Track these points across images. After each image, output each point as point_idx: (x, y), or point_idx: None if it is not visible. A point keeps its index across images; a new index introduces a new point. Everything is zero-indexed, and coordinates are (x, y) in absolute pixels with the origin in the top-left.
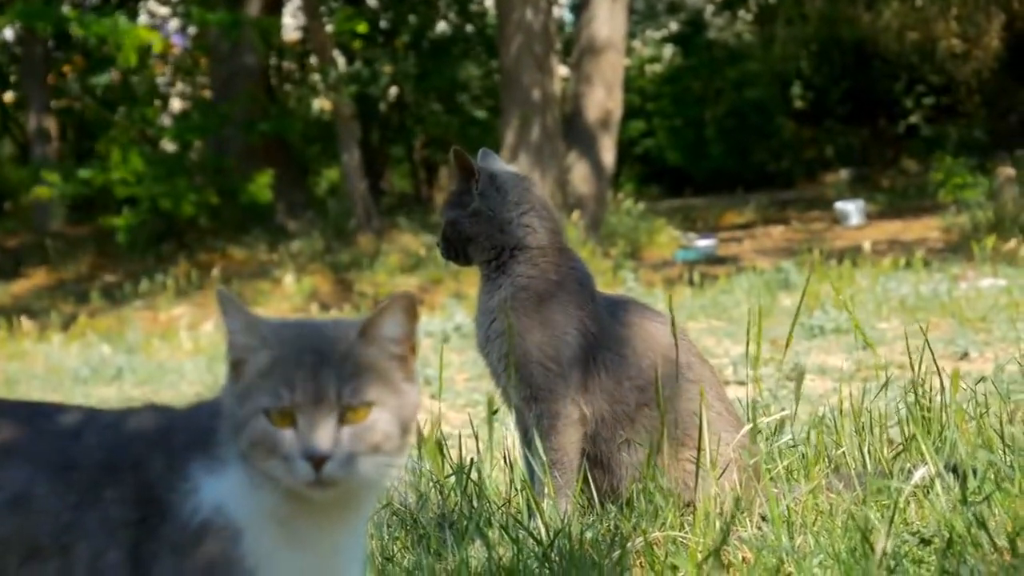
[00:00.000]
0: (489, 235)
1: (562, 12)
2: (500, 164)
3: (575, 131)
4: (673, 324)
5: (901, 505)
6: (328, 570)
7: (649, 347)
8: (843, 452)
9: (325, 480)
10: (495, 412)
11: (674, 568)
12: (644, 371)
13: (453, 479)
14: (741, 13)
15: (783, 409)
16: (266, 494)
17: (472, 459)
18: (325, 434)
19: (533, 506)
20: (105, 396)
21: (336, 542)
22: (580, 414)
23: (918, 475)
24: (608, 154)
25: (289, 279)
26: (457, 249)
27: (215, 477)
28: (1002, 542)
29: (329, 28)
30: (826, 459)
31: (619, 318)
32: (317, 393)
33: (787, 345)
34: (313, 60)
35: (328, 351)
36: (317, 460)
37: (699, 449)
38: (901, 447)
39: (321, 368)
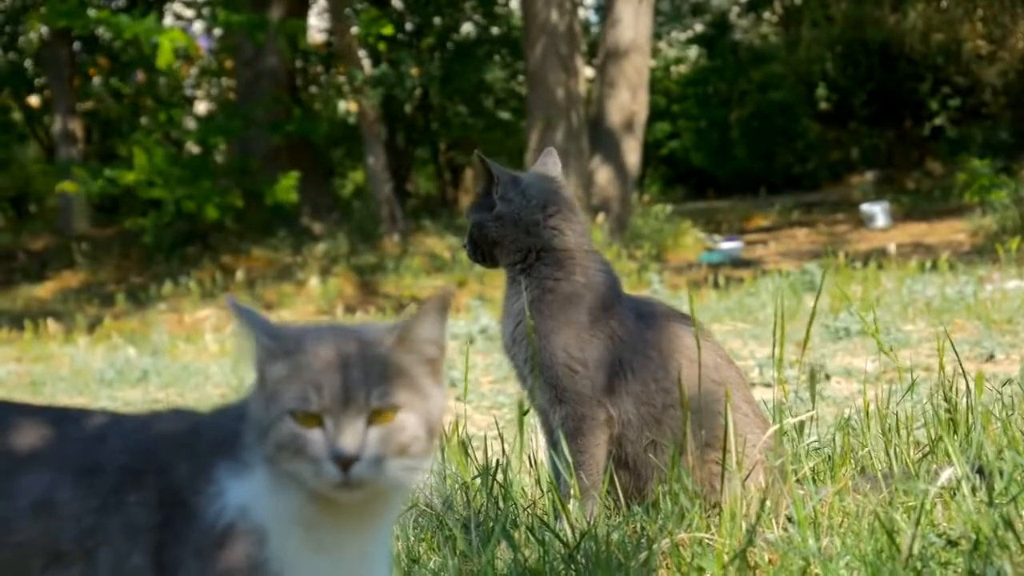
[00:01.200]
0: (515, 238)
1: (587, 14)
2: (548, 165)
3: (600, 133)
4: (696, 325)
5: (927, 507)
6: (353, 574)
7: (675, 349)
8: (869, 453)
9: (353, 482)
10: (525, 413)
11: (700, 570)
12: (670, 373)
13: (479, 481)
14: (766, 15)
15: (808, 411)
16: (292, 497)
17: (498, 461)
18: (353, 436)
19: (559, 508)
20: (130, 398)
21: (362, 546)
22: (607, 416)
23: (944, 476)
24: (633, 156)
25: (314, 281)
26: (483, 251)
27: (241, 480)
28: None
29: (354, 30)
30: (852, 461)
31: (645, 320)
32: (345, 395)
33: (804, 345)
34: (339, 62)
35: (357, 354)
36: (345, 462)
37: (724, 450)
38: (927, 449)
39: (349, 370)
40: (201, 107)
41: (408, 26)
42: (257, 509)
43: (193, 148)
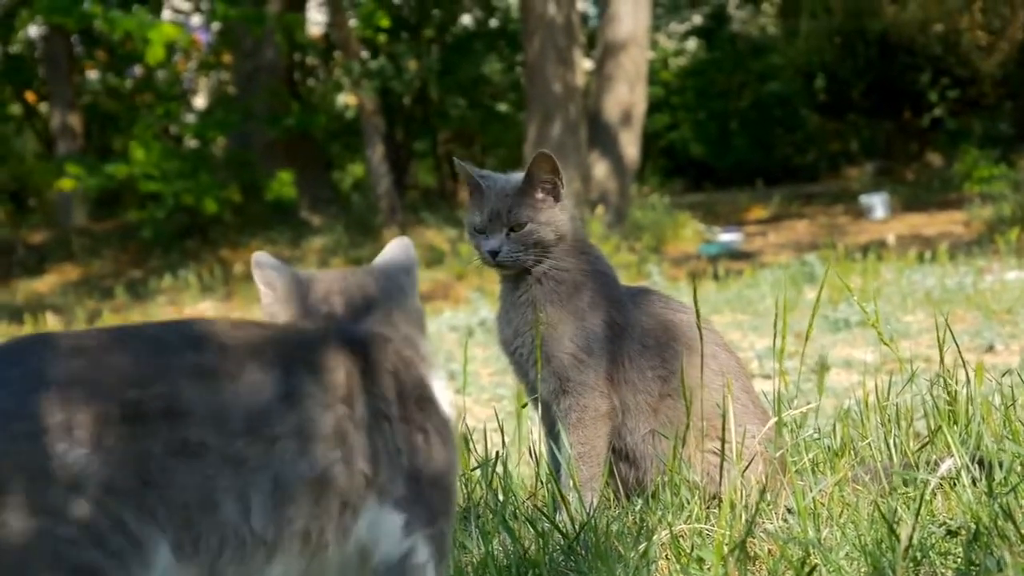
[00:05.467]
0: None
1: (586, 6)
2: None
3: (598, 126)
4: (697, 314)
5: (927, 497)
6: None
7: (672, 337)
8: (869, 444)
9: None
10: (524, 406)
11: (700, 560)
12: (667, 361)
13: (478, 472)
14: (764, 6)
15: (808, 402)
16: None
17: (497, 452)
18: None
19: (559, 499)
20: None
21: None
22: (609, 407)
23: (944, 467)
24: (631, 148)
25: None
26: (530, 253)
27: None
28: None
29: (353, 23)
30: (852, 451)
31: (642, 308)
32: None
33: (807, 337)
34: (337, 55)
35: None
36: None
37: (722, 440)
38: (927, 439)
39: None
40: (200, 101)
41: (406, 18)
42: None
43: (192, 143)
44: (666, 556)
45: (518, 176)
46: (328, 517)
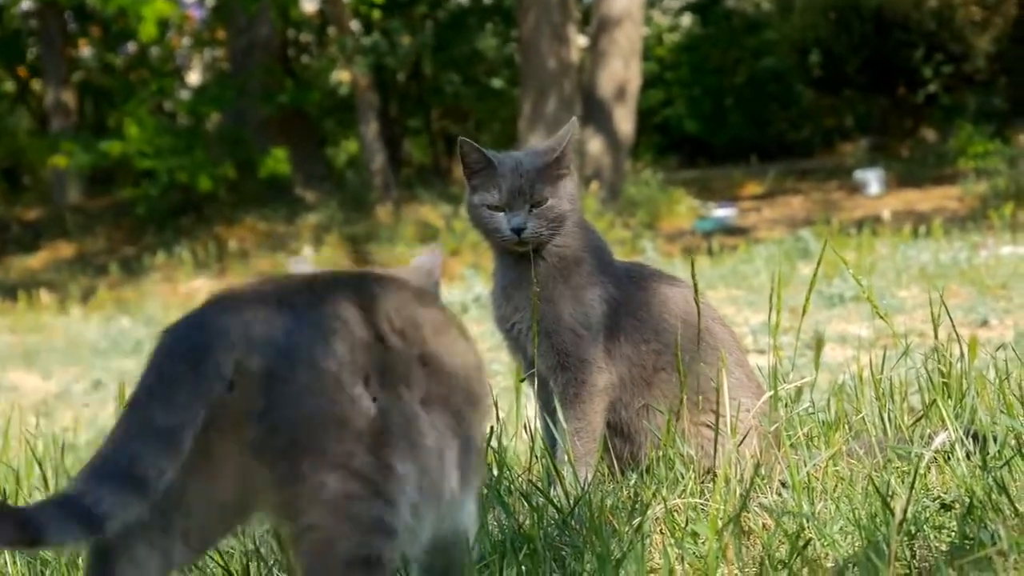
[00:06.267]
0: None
1: None
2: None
3: (593, 102)
4: (695, 288)
5: (921, 471)
6: None
7: (667, 310)
8: (863, 419)
9: None
10: (523, 380)
11: (694, 535)
12: (661, 334)
13: None
14: None
15: (803, 376)
16: None
17: (492, 427)
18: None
19: (553, 474)
20: (125, 368)
21: None
22: (607, 382)
23: (938, 440)
24: (626, 124)
25: (307, 251)
26: (549, 228)
27: None
28: (1023, 507)
29: None
30: (846, 426)
31: (636, 282)
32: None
33: (803, 312)
34: (331, 31)
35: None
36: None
37: (716, 414)
38: (921, 413)
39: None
40: (194, 77)
41: None
42: None
43: (186, 120)
44: (660, 531)
45: (532, 152)
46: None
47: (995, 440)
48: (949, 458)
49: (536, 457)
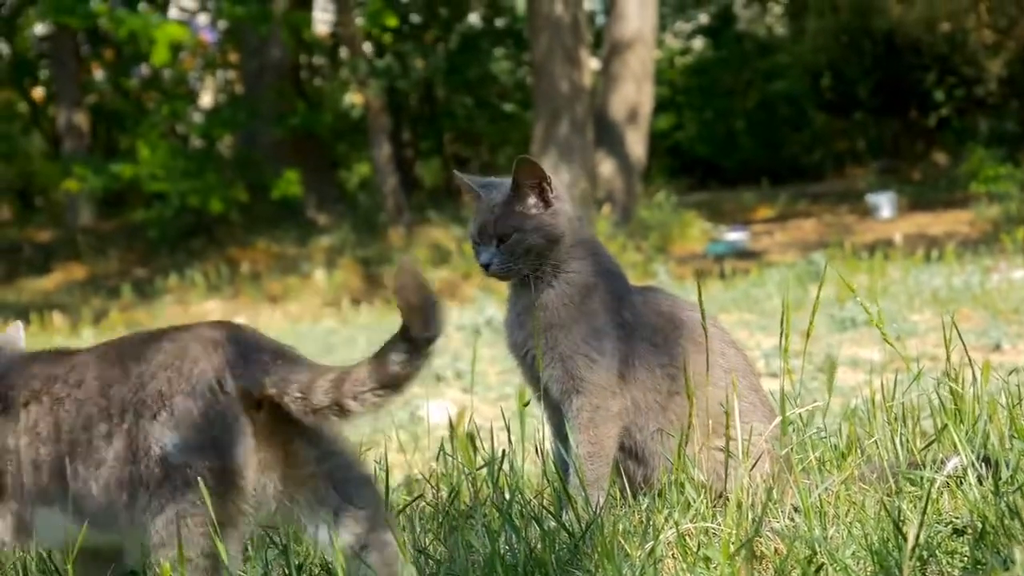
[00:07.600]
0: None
1: (592, 5)
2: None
3: (605, 125)
4: (702, 312)
5: (934, 496)
6: None
7: (680, 335)
8: (875, 443)
9: None
10: (527, 404)
11: (707, 560)
12: (675, 359)
13: (485, 471)
14: (771, 5)
15: (815, 400)
16: None
17: (504, 451)
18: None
19: (565, 498)
20: None
21: None
22: (620, 407)
23: (950, 465)
24: (638, 147)
25: (319, 274)
26: (522, 261)
27: None
28: None
29: (359, 22)
30: (858, 450)
31: (650, 306)
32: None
33: (807, 335)
34: (343, 54)
35: None
36: None
37: (727, 438)
38: (933, 438)
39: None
40: (206, 100)
41: (413, 17)
42: None
43: (198, 143)
44: (673, 555)
45: (504, 185)
46: None
47: (1007, 465)
48: (961, 483)
49: (547, 481)
